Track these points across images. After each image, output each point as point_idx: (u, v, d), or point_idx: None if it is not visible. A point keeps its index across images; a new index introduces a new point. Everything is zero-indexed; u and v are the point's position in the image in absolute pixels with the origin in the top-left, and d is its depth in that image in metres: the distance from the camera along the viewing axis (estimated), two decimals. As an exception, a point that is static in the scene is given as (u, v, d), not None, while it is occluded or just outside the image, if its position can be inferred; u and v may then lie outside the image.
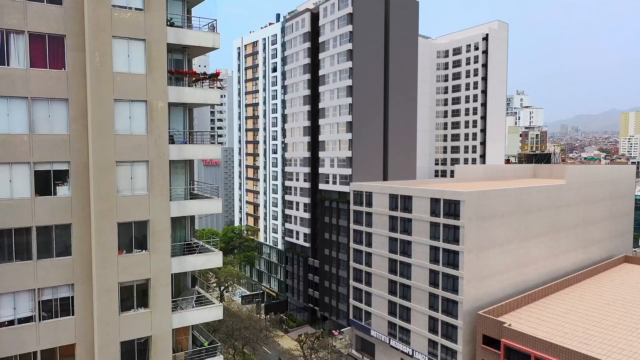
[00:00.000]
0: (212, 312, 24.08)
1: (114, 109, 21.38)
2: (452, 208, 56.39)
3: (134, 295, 22.41)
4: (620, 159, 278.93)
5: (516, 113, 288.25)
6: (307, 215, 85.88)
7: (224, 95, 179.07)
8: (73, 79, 21.12)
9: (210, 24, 24.09)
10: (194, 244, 24.55)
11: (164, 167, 22.33)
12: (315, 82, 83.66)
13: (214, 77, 24.43)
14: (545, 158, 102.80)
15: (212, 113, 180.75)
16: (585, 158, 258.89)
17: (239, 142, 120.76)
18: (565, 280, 66.88)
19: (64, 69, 21.11)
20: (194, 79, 25.56)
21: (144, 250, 22.48)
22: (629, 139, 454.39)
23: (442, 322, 57.83)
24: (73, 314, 21.78)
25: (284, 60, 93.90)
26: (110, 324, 21.74)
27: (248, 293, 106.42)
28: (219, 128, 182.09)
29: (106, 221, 21.46)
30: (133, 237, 22.22)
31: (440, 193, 57.86)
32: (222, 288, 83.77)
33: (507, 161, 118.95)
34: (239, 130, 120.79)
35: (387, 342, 65.91)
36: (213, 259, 24.09)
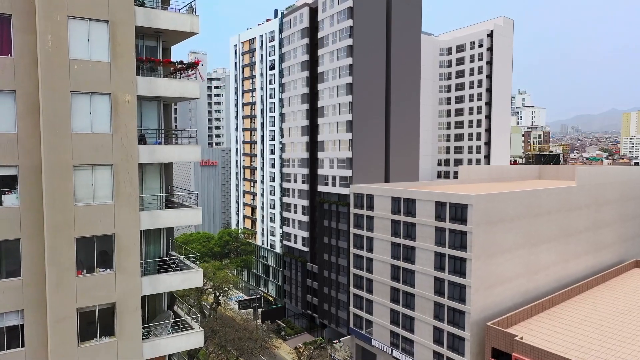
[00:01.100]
0: (191, 339, 20.72)
1: (70, 103, 17.95)
2: (459, 212, 53.04)
3: (96, 322, 18.94)
4: (622, 159, 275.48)
5: (518, 113, 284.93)
6: (305, 219, 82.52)
7: (221, 95, 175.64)
8: (21, 67, 17.71)
9: (188, 5, 20.71)
10: (169, 260, 21.15)
11: (132, 171, 18.93)
12: (314, 79, 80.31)
13: (193, 66, 21.05)
14: (554, 158, 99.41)
15: (210, 113, 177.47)
16: (587, 158, 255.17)
17: (236, 142, 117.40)
18: (576, 287, 63.72)
19: (10, 55, 17.71)
20: (171, 69, 22.19)
21: (108, 270, 19.05)
22: (630, 139, 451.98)
23: (448, 333, 54.48)
24: (23, 346, 18.36)
25: (281, 58, 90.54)
26: (67, 357, 18.33)
27: (245, 298, 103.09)
28: (217, 128, 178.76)
29: (62, 236, 18.05)
30: (95, 254, 18.79)
31: (446, 196, 54.49)
32: (217, 294, 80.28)
33: (515, 162, 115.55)
34: (236, 130, 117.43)
35: (390, 352, 62.52)
36: (192, 278, 20.66)
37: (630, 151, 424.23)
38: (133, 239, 19.06)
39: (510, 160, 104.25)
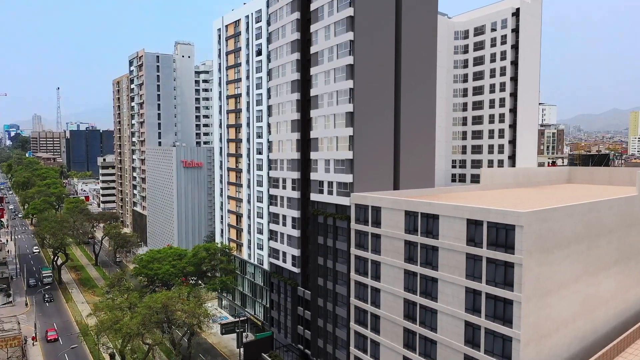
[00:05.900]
0: None
1: None
2: (502, 235, 38.32)
3: None
4: (632, 158, 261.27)
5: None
6: (295, 233, 67.65)
7: (209, 90, 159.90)
8: None
9: None
10: None
11: None
12: (306, 63, 65.51)
13: None
14: (604, 159, 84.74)
15: (198, 109, 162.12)
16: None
17: (220, 140, 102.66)
18: (642, 326, 49.15)
19: None
20: None
21: None
22: (639, 138, 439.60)
23: (486, 400, 39.75)
24: None
25: (269, 40, 75.69)
26: None
27: (229, 320, 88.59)
28: (205, 125, 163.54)
29: None
30: None
31: (483, 213, 39.71)
32: (192, 325, 65.26)
33: (553, 163, 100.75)
34: (220, 126, 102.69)
35: (402, 414, 47.88)
36: None
37: (638, 150, 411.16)
38: None
39: (548, 162, 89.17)
